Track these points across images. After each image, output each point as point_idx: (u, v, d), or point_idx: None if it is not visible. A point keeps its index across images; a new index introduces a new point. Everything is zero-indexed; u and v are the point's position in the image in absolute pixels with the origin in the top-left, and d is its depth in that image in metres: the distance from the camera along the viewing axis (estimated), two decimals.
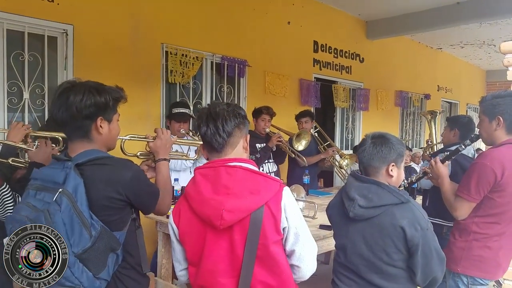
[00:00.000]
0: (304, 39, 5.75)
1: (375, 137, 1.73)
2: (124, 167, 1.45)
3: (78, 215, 1.30)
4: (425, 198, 3.20)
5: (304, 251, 1.41)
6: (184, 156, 2.41)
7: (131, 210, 1.50)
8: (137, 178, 1.47)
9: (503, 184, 1.94)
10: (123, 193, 1.41)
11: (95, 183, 1.37)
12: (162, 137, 1.81)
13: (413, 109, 8.42)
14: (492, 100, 2.04)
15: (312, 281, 4.47)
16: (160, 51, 4.06)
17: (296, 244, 1.39)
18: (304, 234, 1.41)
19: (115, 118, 1.56)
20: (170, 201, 1.71)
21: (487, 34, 7.36)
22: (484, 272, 2.05)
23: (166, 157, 1.79)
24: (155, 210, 1.61)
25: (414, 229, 1.58)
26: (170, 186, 1.76)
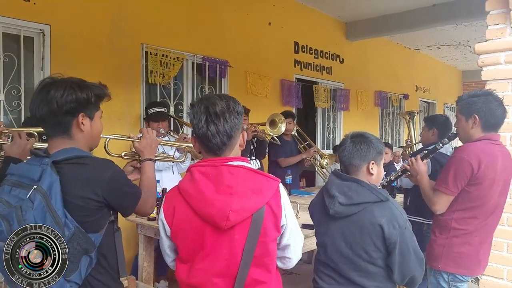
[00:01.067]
0: (285, 40, 5.78)
1: (354, 136, 1.76)
2: (103, 167, 1.41)
3: (51, 214, 1.26)
4: (406, 197, 3.26)
5: (297, 243, 1.44)
6: (170, 158, 2.37)
7: (109, 212, 1.45)
8: (116, 179, 1.43)
9: (480, 177, 1.99)
10: (100, 194, 1.37)
11: (71, 182, 1.33)
12: (147, 137, 1.78)
13: (392, 109, 8.56)
14: (468, 99, 2.10)
15: (295, 280, 4.53)
16: (140, 52, 4.02)
17: (290, 238, 1.40)
18: (296, 227, 1.44)
19: (98, 116, 1.52)
20: (154, 202, 1.67)
21: (463, 35, 7.54)
22: (464, 268, 2.09)
23: (152, 157, 1.76)
24: (137, 211, 1.58)
25: (392, 227, 1.60)
26: (155, 187, 1.72)
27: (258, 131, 3.99)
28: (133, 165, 1.82)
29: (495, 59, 2.24)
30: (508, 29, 2.21)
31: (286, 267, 1.48)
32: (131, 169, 1.82)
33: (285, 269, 1.49)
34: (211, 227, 1.31)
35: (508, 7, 2.16)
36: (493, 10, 2.27)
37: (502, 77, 2.24)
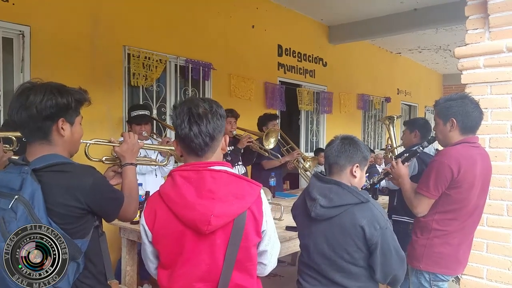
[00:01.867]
0: (268, 43, 5.80)
1: (344, 138, 1.79)
2: (84, 174, 1.40)
3: (35, 223, 1.25)
4: (393, 198, 3.31)
5: (273, 250, 1.44)
6: (153, 161, 2.35)
7: (93, 217, 1.44)
8: (98, 186, 1.42)
9: (460, 181, 2.02)
10: (83, 201, 1.36)
11: (53, 190, 1.31)
12: (128, 141, 1.75)
13: (375, 111, 8.67)
14: (445, 103, 2.14)
15: (279, 282, 4.53)
16: (122, 53, 3.97)
17: (269, 244, 1.40)
18: (275, 234, 1.44)
19: (78, 121, 1.50)
20: (136, 207, 1.66)
21: (443, 39, 7.70)
22: (445, 268, 2.12)
23: (133, 161, 1.74)
24: (120, 216, 1.56)
25: (373, 228, 1.62)
26: (137, 192, 1.70)
27: (253, 142, 4.01)
28: (114, 170, 1.79)
29: (474, 63, 2.29)
30: (487, 33, 2.26)
31: (260, 273, 1.46)
32: (112, 174, 1.79)
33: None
34: (192, 232, 1.30)
35: (486, 12, 2.21)
36: (472, 15, 2.32)
37: (481, 80, 2.28)
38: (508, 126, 2.20)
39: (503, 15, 2.16)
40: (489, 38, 2.25)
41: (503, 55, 2.19)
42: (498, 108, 2.23)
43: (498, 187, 2.22)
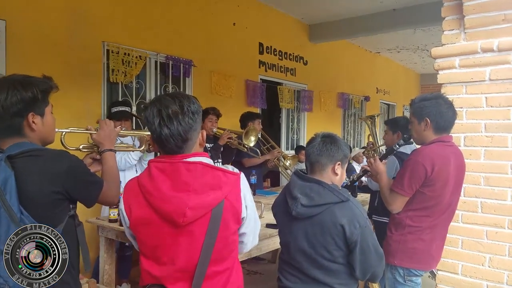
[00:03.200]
0: (249, 41, 5.79)
1: (325, 136, 1.80)
2: (59, 158, 1.37)
3: (6, 210, 1.23)
4: (374, 198, 3.36)
5: (255, 231, 1.45)
6: (131, 147, 2.33)
7: (68, 205, 1.41)
8: (75, 169, 1.40)
9: (433, 179, 2.07)
10: (60, 185, 1.34)
11: (27, 176, 1.29)
12: (105, 127, 1.73)
13: (354, 110, 8.78)
14: (420, 103, 2.19)
15: (259, 279, 4.53)
16: (101, 49, 3.91)
17: (248, 227, 1.41)
18: (255, 217, 1.45)
19: (48, 111, 1.47)
20: (118, 191, 1.63)
21: (421, 39, 7.85)
22: (418, 263, 2.17)
23: (112, 147, 1.72)
24: (101, 200, 1.54)
25: (353, 227, 1.64)
26: (118, 176, 1.68)
27: (233, 139, 4.01)
28: (92, 157, 1.78)
29: (450, 63, 2.34)
30: (462, 34, 2.31)
31: (240, 251, 1.48)
32: (90, 161, 1.77)
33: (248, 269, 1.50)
34: (169, 223, 1.30)
35: (462, 13, 2.27)
36: (448, 16, 2.37)
37: (456, 80, 2.33)
38: (482, 125, 2.26)
39: (478, 17, 2.21)
40: (464, 39, 2.31)
41: (477, 56, 2.24)
42: (472, 107, 2.29)
43: (473, 185, 2.29)
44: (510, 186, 2.17)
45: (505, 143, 2.19)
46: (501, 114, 2.20)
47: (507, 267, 2.19)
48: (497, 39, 2.17)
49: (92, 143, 1.77)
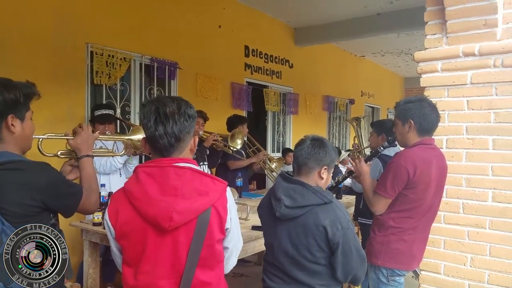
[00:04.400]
0: (235, 43, 5.80)
1: (314, 139, 1.81)
2: (38, 171, 1.36)
3: None
4: (359, 201, 3.38)
5: (235, 249, 1.45)
6: (111, 152, 2.30)
7: (49, 215, 1.40)
8: (53, 182, 1.39)
9: (415, 182, 2.11)
10: (38, 199, 1.33)
11: (7, 188, 1.28)
12: (82, 133, 1.71)
13: (339, 113, 8.85)
14: (404, 105, 2.23)
15: (244, 282, 4.52)
16: (84, 51, 3.86)
17: (231, 242, 1.41)
18: (238, 234, 1.45)
19: (28, 116, 1.46)
20: (97, 199, 1.62)
21: (405, 44, 7.96)
22: (401, 263, 2.20)
23: (89, 153, 1.70)
24: (80, 209, 1.53)
25: (336, 228, 1.66)
26: (96, 183, 1.66)
27: (218, 141, 3.99)
28: (71, 164, 1.75)
29: (433, 67, 2.38)
30: (444, 38, 2.36)
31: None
32: (69, 169, 1.74)
33: (234, 272, 1.50)
34: (154, 228, 1.29)
35: (444, 18, 2.31)
36: (431, 21, 2.41)
37: (439, 84, 2.38)
38: (464, 127, 2.31)
39: (459, 21, 2.26)
40: (446, 43, 2.35)
41: (459, 60, 2.29)
42: (454, 110, 2.34)
43: (454, 186, 2.33)
44: (490, 187, 2.22)
45: (486, 145, 2.24)
46: (482, 117, 2.25)
47: (488, 267, 2.23)
48: (478, 43, 2.22)
49: (70, 149, 1.74)
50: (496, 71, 2.19)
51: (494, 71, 2.19)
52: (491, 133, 2.22)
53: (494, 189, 2.21)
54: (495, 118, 2.21)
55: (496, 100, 2.20)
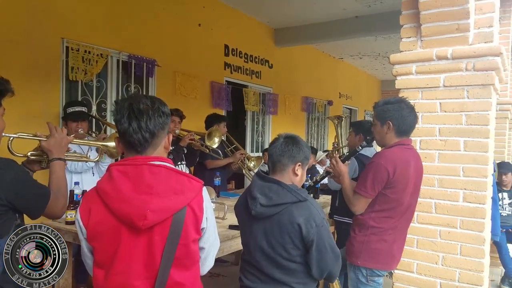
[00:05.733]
0: (215, 42, 5.78)
1: (287, 137, 1.84)
2: (4, 168, 1.33)
3: None
4: (335, 199, 3.41)
5: (211, 249, 1.44)
6: (84, 157, 2.25)
7: (14, 215, 1.36)
8: (20, 180, 1.36)
9: (395, 181, 2.14)
10: (4, 197, 1.29)
11: None
12: (56, 135, 1.67)
13: (318, 114, 8.94)
14: (383, 106, 2.26)
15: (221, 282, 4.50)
16: (60, 46, 3.77)
17: (207, 242, 1.40)
18: (215, 234, 1.45)
19: (0, 113, 1.42)
20: (65, 204, 1.59)
21: (382, 47, 8.10)
22: (381, 263, 2.23)
23: (61, 156, 1.66)
24: (46, 213, 1.49)
25: (310, 226, 1.68)
26: (65, 188, 1.63)
27: (195, 140, 3.96)
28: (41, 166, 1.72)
29: (407, 69, 2.43)
30: (419, 42, 2.41)
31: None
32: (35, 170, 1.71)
33: (211, 272, 1.49)
34: (128, 228, 1.27)
35: (419, 22, 2.36)
36: (406, 24, 2.46)
37: (413, 86, 2.42)
38: (437, 129, 2.36)
39: (433, 25, 2.31)
40: (421, 46, 2.40)
41: (433, 63, 2.34)
42: (428, 112, 2.39)
43: (427, 186, 2.38)
44: (462, 188, 2.28)
45: (458, 147, 2.30)
46: (454, 119, 2.31)
47: (459, 265, 2.29)
48: (451, 47, 2.28)
49: (42, 150, 1.69)
50: (468, 74, 2.25)
51: (466, 75, 2.25)
52: (463, 135, 2.28)
53: (465, 190, 2.27)
54: (466, 120, 2.27)
55: (468, 103, 2.26)
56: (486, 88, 2.22)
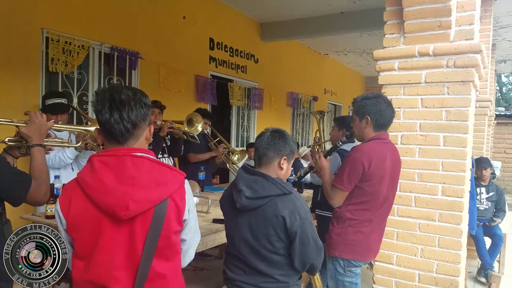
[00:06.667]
0: (200, 36, 5.73)
1: (274, 131, 1.86)
2: None
3: None
4: (317, 193, 3.45)
5: (192, 241, 1.44)
6: (65, 142, 2.22)
7: None
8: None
9: (370, 175, 2.18)
10: None
11: None
12: (36, 121, 1.64)
13: (303, 110, 8.97)
14: (361, 101, 2.30)
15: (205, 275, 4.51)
16: (39, 37, 3.69)
17: (188, 234, 1.41)
18: (196, 226, 1.45)
19: None
20: (47, 190, 1.57)
21: (367, 43, 8.16)
22: (357, 254, 2.27)
23: (41, 142, 1.64)
24: (28, 199, 1.48)
25: (294, 218, 1.70)
26: (47, 174, 1.61)
27: (174, 128, 3.91)
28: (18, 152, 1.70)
29: (390, 65, 2.46)
30: (402, 38, 2.44)
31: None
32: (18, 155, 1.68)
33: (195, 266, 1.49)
34: (109, 219, 1.26)
35: (402, 18, 2.39)
36: (389, 21, 2.48)
37: (395, 82, 2.46)
38: (418, 124, 2.40)
39: (416, 22, 2.34)
40: (403, 43, 2.43)
41: (415, 59, 2.37)
42: (409, 108, 2.42)
43: (407, 180, 2.42)
44: (441, 182, 2.32)
45: (437, 142, 2.34)
46: (434, 115, 2.35)
47: (437, 257, 2.34)
48: (433, 44, 2.31)
49: (20, 137, 1.67)
50: (449, 71, 2.29)
51: (447, 71, 2.29)
52: (442, 130, 2.32)
53: (444, 184, 2.32)
54: (446, 116, 2.31)
55: (448, 99, 2.31)
56: (466, 85, 2.26)
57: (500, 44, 7.20)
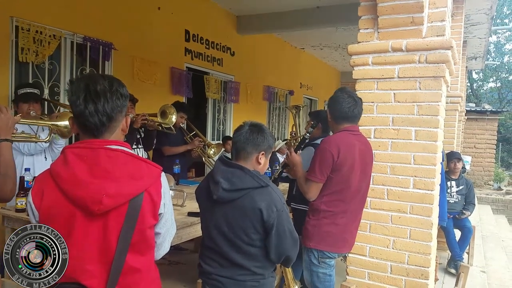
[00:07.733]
0: (175, 27, 5.65)
1: (253, 125, 1.85)
2: None
3: None
4: (292, 187, 3.48)
5: (167, 235, 1.43)
6: (34, 138, 2.16)
7: None
8: None
9: (339, 164, 2.24)
10: None
11: None
12: (2, 115, 1.60)
13: (279, 103, 9.01)
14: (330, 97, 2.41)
15: (181, 269, 4.49)
16: (9, 26, 3.56)
17: (163, 228, 1.39)
18: (172, 219, 1.44)
19: None
20: (14, 187, 1.53)
21: (342, 38, 8.24)
22: (331, 246, 2.32)
23: (8, 137, 1.60)
24: None
25: (271, 211, 1.71)
26: (14, 170, 1.57)
27: (148, 119, 3.85)
28: None
29: (364, 60, 2.50)
30: (376, 33, 2.48)
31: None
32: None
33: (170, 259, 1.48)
34: (82, 212, 1.24)
35: (376, 14, 2.43)
36: (364, 16, 2.52)
37: (369, 76, 2.50)
38: (390, 118, 2.45)
39: (390, 18, 2.38)
40: (377, 38, 2.47)
41: (388, 54, 2.42)
42: (382, 102, 2.47)
43: (380, 173, 2.47)
44: (412, 175, 2.39)
45: (409, 136, 2.40)
46: (407, 109, 2.40)
47: (408, 249, 2.41)
48: (406, 39, 2.36)
49: None
50: (421, 66, 2.34)
51: (419, 66, 2.35)
52: (414, 124, 2.38)
53: (415, 177, 2.38)
54: (418, 110, 2.37)
55: (420, 94, 2.36)
56: (437, 80, 2.32)
57: (471, 41, 7.41)
